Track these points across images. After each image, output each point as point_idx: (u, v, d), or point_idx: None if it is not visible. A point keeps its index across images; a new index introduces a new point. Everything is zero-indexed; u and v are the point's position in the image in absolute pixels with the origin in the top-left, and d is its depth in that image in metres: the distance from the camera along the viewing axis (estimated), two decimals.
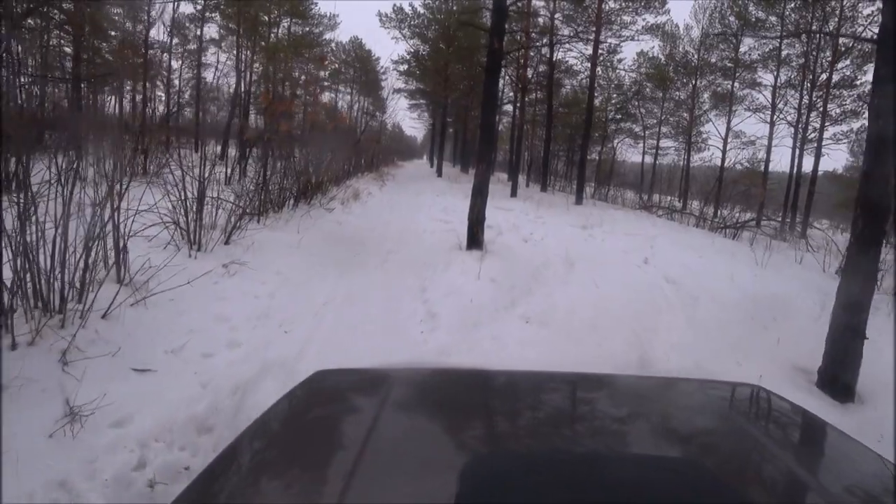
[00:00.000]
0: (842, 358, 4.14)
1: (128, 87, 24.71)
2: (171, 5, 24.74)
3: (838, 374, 4.16)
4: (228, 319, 4.53)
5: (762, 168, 23.63)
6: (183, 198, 6.07)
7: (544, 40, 21.58)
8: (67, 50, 20.15)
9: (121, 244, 4.56)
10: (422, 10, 26.92)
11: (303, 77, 26.49)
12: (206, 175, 6.64)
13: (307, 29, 30.71)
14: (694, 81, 26.59)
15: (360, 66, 44.39)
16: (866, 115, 16.13)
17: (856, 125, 23.75)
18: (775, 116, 22.71)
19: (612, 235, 11.13)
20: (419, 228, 9.35)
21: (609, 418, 1.34)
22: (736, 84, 24.78)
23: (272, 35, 27.08)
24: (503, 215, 12.12)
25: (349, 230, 8.81)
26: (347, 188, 13.86)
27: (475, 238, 7.31)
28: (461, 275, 6.02)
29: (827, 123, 21.48)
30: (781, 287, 7.49)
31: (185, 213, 6.03)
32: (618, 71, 27.21)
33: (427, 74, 30.85)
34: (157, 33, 25.90)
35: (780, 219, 19.10)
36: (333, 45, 36.50)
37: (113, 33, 24.72)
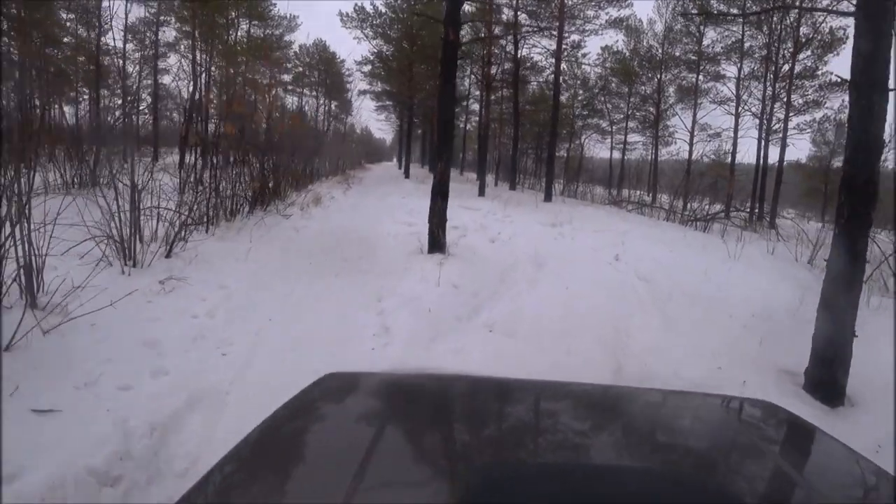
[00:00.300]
0: (830, 358, 3.82)
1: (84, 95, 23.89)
2: (123, 8, 24.00)
3: (827, 376, 3.84)
4: (157, 344, 4.03)
5: (729, 160, 23.70)
6: (116, 209, 5.55)
7: (508, 37, 21.30)
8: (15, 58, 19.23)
9: (34, 262, 4.06)
10: (383, 10, 26.39)
11: (259, 78, 25.75)
12: (144, 182, 6.13)
13: (268, 31, 30.04)
14: (659, 75, 26.57)
15: (324, 68, 43.92)
16: (828, 104, 16.14)
17: (818, 115, 24.14)
18: (740, 108, 22.75)
19: (581, 232, 10.84)
20: (381, 232, 8.90)
21: (617, 430, 1.32)
22: (700, 77, 24.81)
23: (229, 38, 26.33)
24: (470, 215, 11.74)
25: (306, 237, 8.32)
26: (308, 193, 13.36)
27: (437, 241, 6.90)
28: (420, 282, 5.61)
29: (791, 114, 21.58)
30: (757, 280, 7.25)
31: (118, 224, 5.53)
32: (583, 67, 27.14)
33: (392, 75, 30.33)
34: (112, 39, 24.90)
35: (748, 209, 19.07)
36: (297, 47, 35.97)
37: (66, 40, 23.90)
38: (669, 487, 0.94)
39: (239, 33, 27.89)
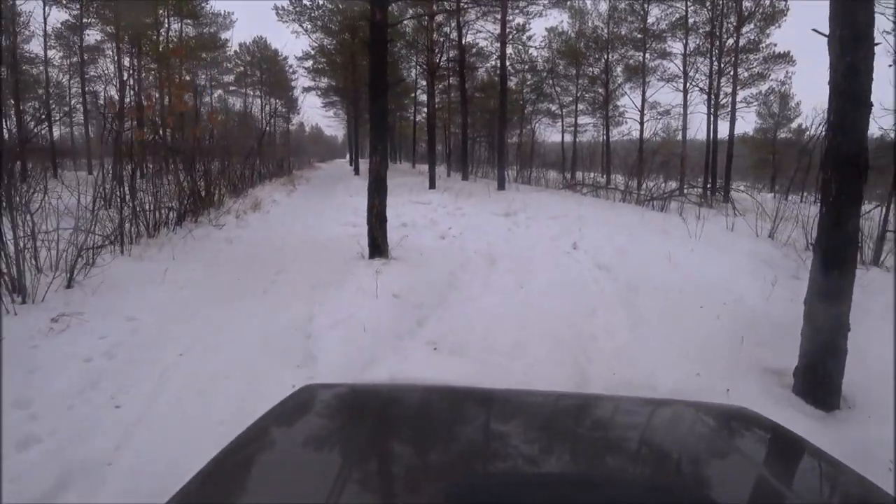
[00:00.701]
0: (822, 356, 3.33)
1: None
2: (42, 12, 22.51)
3: (819, 376, 3.35)
4: (32, 402, 3.29)
5: (680, 137, 23.62)
6: None
7: (452, 23, 20.65)
8: None
9: None
10: (322, 1, 25.33)
11: (190, 77, 24.41)
12: (36, 201, 5.33)
13: (204, 30, 28.72)
14: (606, 56, 26.26)
15: (266, 66, 42.90)
16: (773, 76, 16.00)
17: (763, 87, 24.39)
18: (688, 84, 22.60)
19: (536, 221, 10.34)
20: (322, 236, 8.21)
21: (600, 441, 1.27)
22: (647, 55, 24.58)
23: (158, 38, 24.98)
24: (420, 210, 11.12)
25: (239, 249, 7.55)
26: (249, 197, 12.54)
27: (377, 244, 6.25)
28: (357, 294, 4.94)
29: (737, 87, 21.53)
30: (722, 261, 6.83)
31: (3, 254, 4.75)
32: (530, 51, 26.68)
33: (336, 69, 29.32)
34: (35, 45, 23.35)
35: (702, 185, 18.86)
36: (237, 46, 34.73)
37: None
38: (648, 496, 0.89)
39: (171, 33, 26.49)
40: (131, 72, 20.95)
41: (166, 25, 25.94)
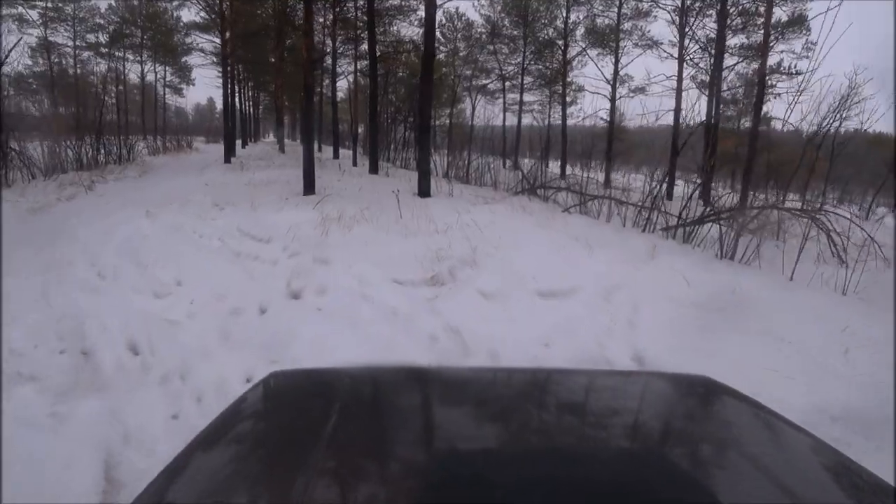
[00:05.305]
0: None
1: None
2: None
3: None
4: None
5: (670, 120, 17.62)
6: None
7: None
8: None
9: None
10: None
11: None
12: None
13: None
14: (566, 12, 19.96)
15: (151, 25, 35.71)
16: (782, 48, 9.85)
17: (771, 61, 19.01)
18: (684, 52, 16.57)
19: (507, 314, 3.90)
20: None
21: (572, 413, 1.27)
22: (623, 11, 18.42)
23: None
24: (229, 273, 4.49)
25: None
26: None
27: None
28: None
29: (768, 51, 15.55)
30: None
31: None
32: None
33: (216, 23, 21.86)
34: None
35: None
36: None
37: None
38: (623, 467, 0.91)
39: None
40: None
41: None
